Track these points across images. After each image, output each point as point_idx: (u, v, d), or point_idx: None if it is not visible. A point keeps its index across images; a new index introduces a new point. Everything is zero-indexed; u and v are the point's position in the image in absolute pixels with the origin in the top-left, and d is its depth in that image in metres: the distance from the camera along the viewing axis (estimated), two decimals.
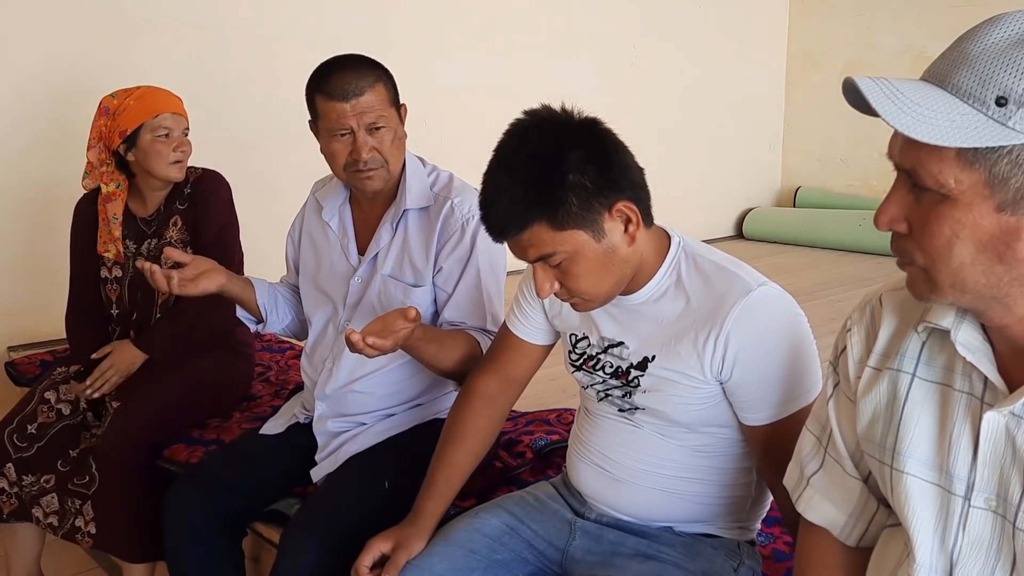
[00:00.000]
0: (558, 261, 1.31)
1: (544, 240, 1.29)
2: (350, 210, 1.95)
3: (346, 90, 1.71)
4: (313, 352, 1.97)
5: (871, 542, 1.12)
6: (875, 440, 1.03)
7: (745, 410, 1.36)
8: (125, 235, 2.40)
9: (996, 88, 0.80)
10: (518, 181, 1.28)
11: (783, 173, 6.59)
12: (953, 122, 0.80)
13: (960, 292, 0.88)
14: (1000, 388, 0.90)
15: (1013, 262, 0.84)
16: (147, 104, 2.30)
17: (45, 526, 2.22)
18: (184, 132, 2.34)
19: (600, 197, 1.28)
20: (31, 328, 3.19)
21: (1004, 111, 0.79)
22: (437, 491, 1.55)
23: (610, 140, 1.32)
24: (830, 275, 4.94)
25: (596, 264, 1.31)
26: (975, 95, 0.81)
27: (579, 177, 1.26)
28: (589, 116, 1.32)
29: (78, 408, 2.32)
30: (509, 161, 1.30)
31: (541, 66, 4.70)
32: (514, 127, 1.32)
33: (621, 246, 1.33)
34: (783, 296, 1.37)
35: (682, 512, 1.44)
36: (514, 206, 1.28)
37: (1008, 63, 0.80)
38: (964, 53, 0.83)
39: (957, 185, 0.83)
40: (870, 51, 5.93)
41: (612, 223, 1.31)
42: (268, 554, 1.95)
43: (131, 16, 3.33)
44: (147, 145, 2.29)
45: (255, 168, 3.60)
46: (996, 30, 0.82)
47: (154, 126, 2.28)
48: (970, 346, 0.92)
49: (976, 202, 0.83)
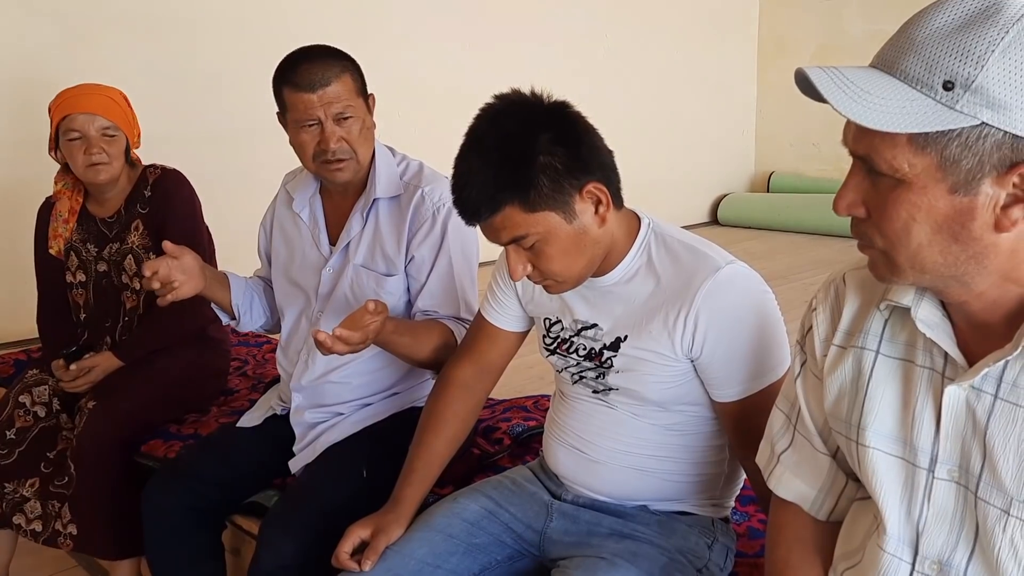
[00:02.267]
0: (530, 243, 1.32)
1: (516, 222, 1.30)
2: (320, 201, 1.94)
3: (312, 80, 1.71)
4: (288, 344, 1.97)
5: (841, 516, 1.14)
6: (841, 416, 1.05)
7: (715, 387, 1.38)
8: (85, 238, 2.36)
9: (942, 73, 0.81)
10: (489, 164, 1.29)
11: (756, 158, 6.64)
12: (903, 108, 0.82)
13: (920, 272, 0.89)
14: (960, 363, 0.93)
15: (968, 241, 0.86)
16: (61, 105, 2.23)
17: (27, 532, 2.20)
18: (103, 132, 2.22)
19: (571, 178, 1.30)
20: (4, 327, 3.16)
21: (951, 95, 0.81)
22: (416, 478, 1.56)
23: (580, 122, 1.34)
24: (804, 258, 4.99)
25: (568, 245, 1.33)
26: (923, 80, 0.82)
27: (549, 159, 1.28)
28: (559, 100, 1.34)
29: (52, 410, 2.31)
30: (480, 144, 1.32)
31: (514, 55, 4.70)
32: (485, 111, 1.33)
33: (592, 227, 1.34)
34: (751, 274, 1.39)
35: (656, 490, 1.46)
36: (486, 188, 1.29)
37: (953, 47, 0.82)
38: (910, 39, 0.85)
39: (911, 169, 0.84)
40: (840, 36, 5.98)
41: (583, 204, 1.32)
42: (248, 546, 1.94)
43: (101, 11, 3.30)
44: (64, 148, 2.24)
45: (228, 162, 3.58)
46: (940, 15, 0.84)
47: (64, 128, 2.21)
48: (930, 323, 0.94)
49: (930, 185, 0.84)
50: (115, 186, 2.32)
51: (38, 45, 3.15)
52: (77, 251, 2.38)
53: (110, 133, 2.24)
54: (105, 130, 2.23)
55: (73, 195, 2.37)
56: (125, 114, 2.29)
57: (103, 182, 2.27)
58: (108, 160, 2.24)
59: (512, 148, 1.29)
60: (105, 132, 2.23)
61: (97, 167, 2.23)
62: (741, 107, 6.49)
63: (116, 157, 2.26)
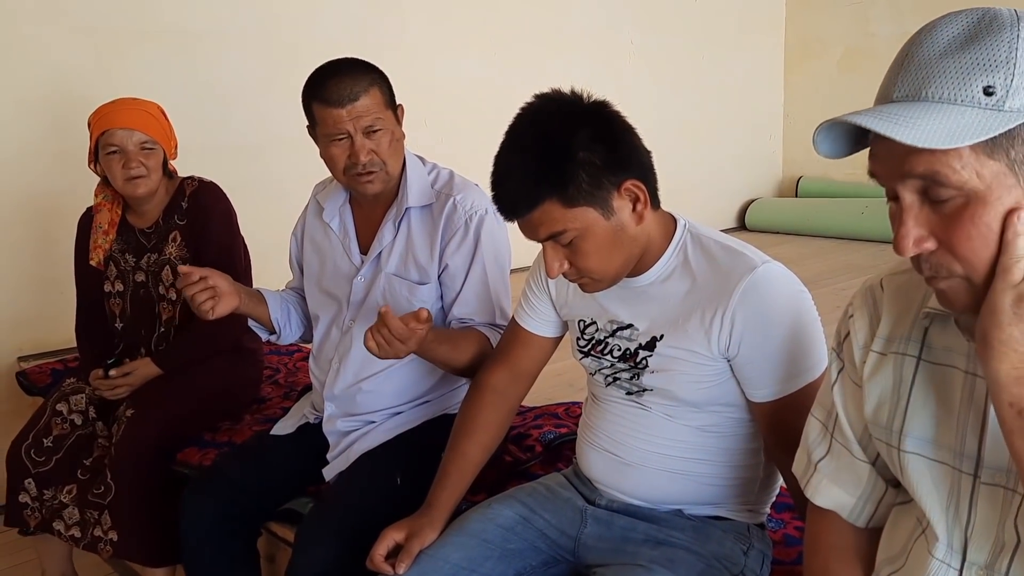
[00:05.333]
0: (568, 239, 1.33)
1: (555, 217, 1.31)
2: (350, 210, 1.96)
3: (341, 96, 1.73)
4: (319, 353, 1.99)
5: (880, 522, 1.13)
6: (882, 423, 1.04)
7: (751, 386, 1.38)
8: (124, 248, 2.40)
9: (976, 83, 0.80)
10: (529, 159, 1.31)
11: (784, 163, 6.58)
12: (957, 123, 0.80)
13: None
14: None
15: None
16: (100, 120, 2.27)
17: (67, 538, 2.24)
18: (141, 147, 2.26)
19: (609, 175, 1.31)
20: (41, 338, 3.21)
21: (995, 99, 0.80)
22: (450, 483, 1.57)
23: (619, 121, 1.35)
24: (834, 264, 4.94)
25: (605, 242, 1.34)
26: (959, 97, 0.81)
27: (589, 155, 1.29)
28: (598, 98, 1.35)
29: (88, 418, 2.34)
30: (520, 141, 1.33)
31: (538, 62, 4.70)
32: (525, 109, 1.35)
33: (629, 224, 1.35)
34: (788, 274, 1.38)
35: (691, 494, 1.45)
36: (525, 184, 1.31)
37: (971, 61, 0.81)
38: (921, 64, 0.83)
39: (981, 180, 0.82)
40: (868, 38, 5.92)
41: (621, 201, 1.34)
42: (283, 553, 1.96)
43: (131, 27, 3.35)
44: (103, 161, 2.28)
45: (256, 174, 3.62)
46: (938, 35, 0.83)
47: (104, 143, 2.25)
48: (972, 328, 0.93)
49: (1004, 193, 0.82)
50: (153, 198, 2.36)
51: (74, 59, 3.21)
52: (116, 261, 2.42)
53: (148, 147, 2.27)
54: (143, 144, 2.27)
55: (113, 207, 2.41)
56: (162, 127, 2.33)
57: (142, 195, 2.31)
58: (146, 173, 2.27)
59: (552, 144, 1.30)
60: (143, 146, 2.27)
61: (136, 181, 2.27)
62: (768, 111, 6.44)
63: (154, 170, 2.29)
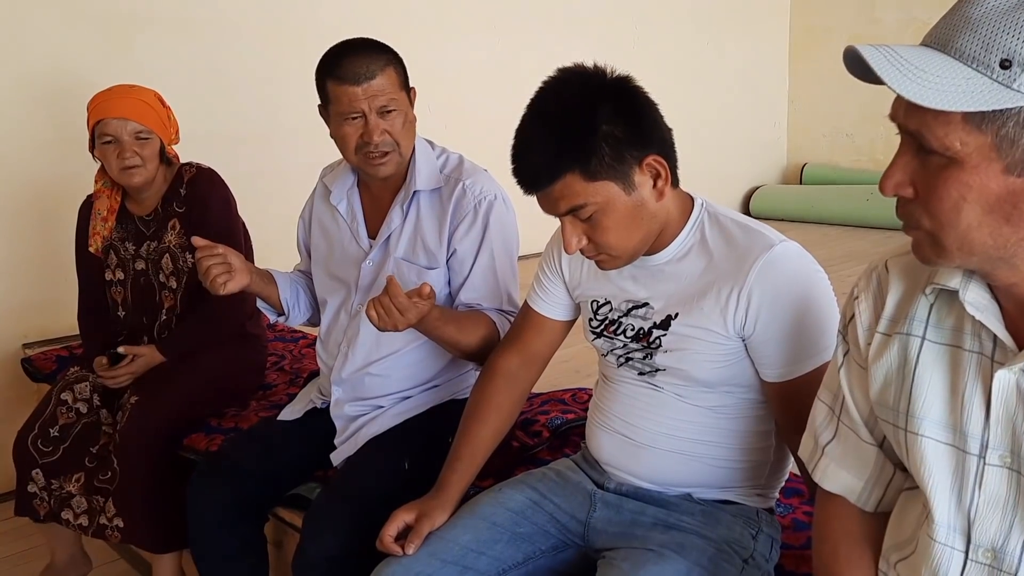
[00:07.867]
0: (588, 213, 1.32)
1: (576, 191, 1.31)
2: (358, 194, 1.95)
3: (357, 73, 1.72)
4: (327, 337, 1.99)
5: (889, 507, 1.12)
6: (888, 404, 1.03)
7: (766, 365, 1.38)
8: (124, 237, 2.39)
9: (1000, 51, 0.80)
10: (552, 132, 1.30)
11: (789, 150, 6.56)
12: (958, 86, 0.81)
13: (967, 254, 0.88)
14: (1010, 346, 0.91)
15: (1020, 223, 0.84)
16: (95, 109, 2.26)
17: (75, 527, 2.24)
18: (136, 136, 2.24)
19: (632, 149, 1.31)
20: (45, 324, 3.21)
21: (1008, 73, 0.80)
22: (461, 465, 1.57)
23: (641, 96, 1.35)
24: (839, 251, 4.93)
25: (625, 217, 1.33)
26: (979, 59, 0.81)
27: (611, 128, 1.29)
28: (622, 73, 1.35)
29: (93, 406, 2.34)
30: (542, 114, 1.33)
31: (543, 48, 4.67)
32: (548, 83, 1.34)
33: (650, 200, 1.35)
34: (804, 253, 1.38)
35: (701, 477, 1.45)
36: (547, 156, 1.30)
37: (1011, 26, 0.80)
38: (966, 17, 0.83)
39: (963, 148, 0.83)
40: (873, 24, 5.89)
41: (642, 176, 1.33)
42: (290, 538, 1.97)
43: (133, 13, 3.34)
44: (98, 150, 2.27)
45: (261, 161, 3.60)
46: None
47: (99, 132, 2.24)
48: (979, 305, 0.93)
49: (983, 164, 0.83)
50: (151, 186, 2.35)
51: (77, 45, 3.19)
52: (116, 249, 2.41)
53: (143, 136, 2.26)
54: (138, 134, 2.25)
55: (112, 194, 2.40)
56: (158, 116, 2.31)
57: (137, 184, 2.30)
58: (141, 163, 2.26)
59: (574, 117, 1.30)
60: (138, 136, 2.25)
61: (131, 170, 2.26)
62: (773, 98, 6.41)
63: (150, 159, 2.28)
